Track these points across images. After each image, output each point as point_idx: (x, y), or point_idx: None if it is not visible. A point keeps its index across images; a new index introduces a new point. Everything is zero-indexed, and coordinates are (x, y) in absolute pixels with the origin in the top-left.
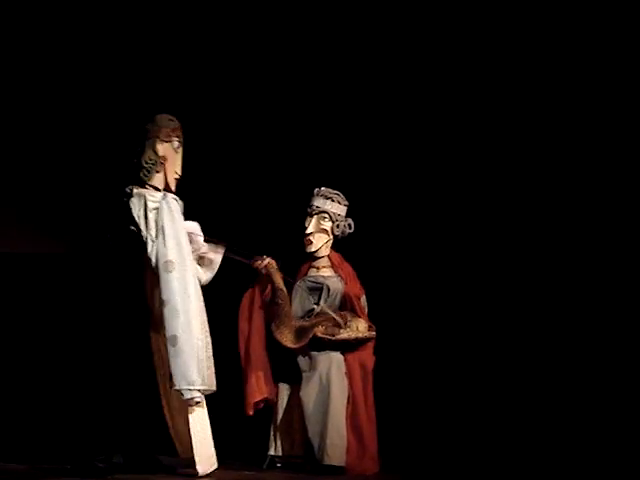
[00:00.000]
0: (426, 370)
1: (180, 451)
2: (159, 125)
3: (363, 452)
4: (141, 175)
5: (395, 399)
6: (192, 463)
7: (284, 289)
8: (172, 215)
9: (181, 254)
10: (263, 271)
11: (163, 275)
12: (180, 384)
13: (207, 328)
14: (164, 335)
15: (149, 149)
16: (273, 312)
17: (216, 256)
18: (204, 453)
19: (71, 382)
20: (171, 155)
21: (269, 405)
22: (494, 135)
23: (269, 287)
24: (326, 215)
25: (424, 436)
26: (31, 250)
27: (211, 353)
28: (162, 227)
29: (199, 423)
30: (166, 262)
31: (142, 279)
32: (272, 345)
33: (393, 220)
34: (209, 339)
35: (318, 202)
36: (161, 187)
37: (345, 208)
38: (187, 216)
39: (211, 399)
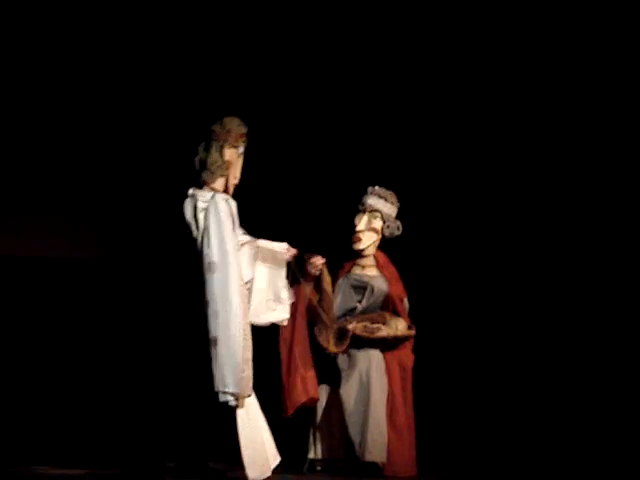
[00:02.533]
0: (466, 371)
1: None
2: (229, 129)
3: (402, 450)
4: (204, 177)
5: (434, 399)
6: (241, 469)
7: (331, 292)
8: (218, 216)
9: (224, 255)
10: (315, 271)
11: (206, 276)
12: (217, 386)
13: (249, 331)
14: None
15: (216, 152)
16: (316, 314)
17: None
18: (254, 458)
19: (124, 387)
20: (235, 160)
21: (307, 407)
22: (541, 136)
23: (311, 288)
24: (378, 214)
25: (462, 436)
26: (82, 254)
27: (249, 356)
28: (206, 227)
29: (247, 427)
30: (209, 263)
31: (193, 280)
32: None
33: (438, 222)
34: (249, 342)
35: (371, 200)
36: (221, 190)
37: (396, 209)
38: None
39: None
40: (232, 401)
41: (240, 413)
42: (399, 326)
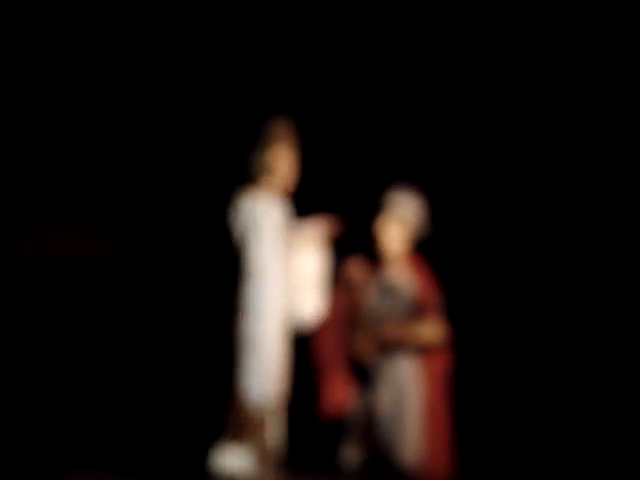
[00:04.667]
0: (508, 379)
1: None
2: (275, 130)
3: (438, 459)
4: (251, 177)
5: (475, 408)
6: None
7: (365, 297)
8: (270, 219)
9: (272, 259)
10: (357, 278)
11: (249, 278)
12: (247, 390)
13: (284, 340)
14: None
15: (263, 152)
16: (351, 320)
17: None
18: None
19: (143, 389)
20: (284, 160)
21: (340, 414)
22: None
23: (342, 293)
24: (404, 221)
25: (502, 449)
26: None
27: (283, 361)
28: (258, 229)
29: (273, 427)
30: (256, 265)
31: (230, 285)
32: None
33: (475, 223)
34: (285, 348)
35: (396, 208)
36: (271, 191)
37: (423, 214)
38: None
39: None
40: (262, 404)
41: (267, 417)
42: (433, 329)
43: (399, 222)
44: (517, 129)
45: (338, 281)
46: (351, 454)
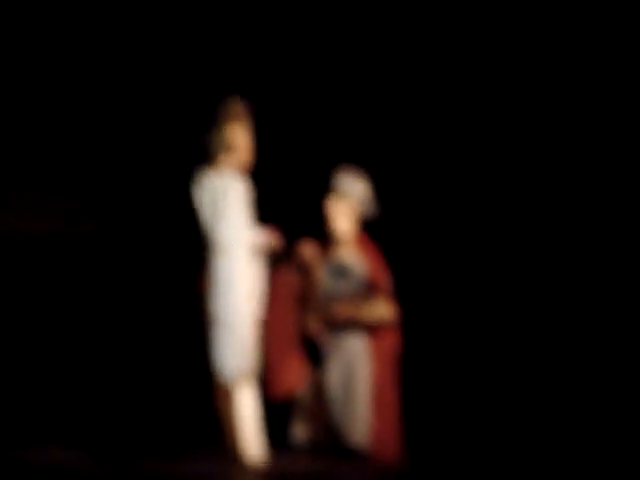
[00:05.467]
0: (454, 356)
1: None
2: (231, 109)
3: (385, 436)
4: (213, 156)
5: (422, 386)
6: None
7: (318, 278)
8: (230, 196)
9: (236, 238)
10: (309, 258)
11: (216, 257)
12: (222, 368)
13: (253, 315)
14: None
15: (222, 131)
16: (302, 300)
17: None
18: (251, 440)
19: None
20: (242, 138)
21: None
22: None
23: (293, 273)
24: (349, 198)
25: (448, 425)
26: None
27: (254, 335)
28: (217, 208)
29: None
30: (222, 243)
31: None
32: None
33: (420, 203)
34: (254, 321)
35: (342, 185)
36: (232, 168)
37: (368, 191)
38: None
39: None
40: (238, 379)
41: (243, 391)
42: (382, 309)
43: (346, 203)
44: (461, 104)
45: (291, 261)
46: (301, 432)
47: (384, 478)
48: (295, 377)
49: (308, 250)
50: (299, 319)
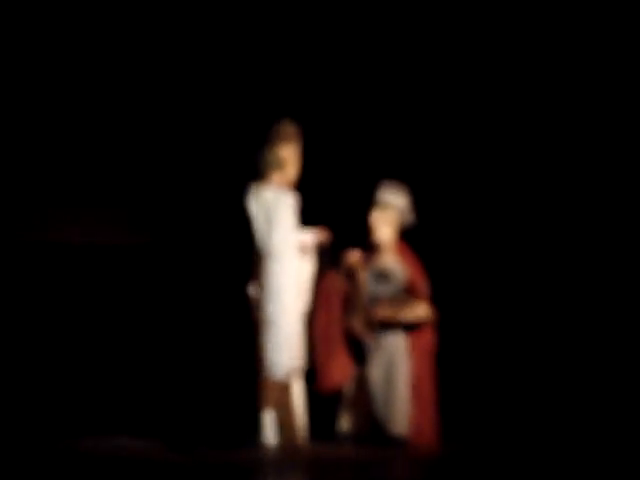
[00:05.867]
0: (488, 353)
1: None
2: (282, 129)
3: (425, 425)
4: (265, 173)
5: (458, 378)
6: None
7: (363, 282)
8: (281, 209)
9: (287, 246)
10: (355, 265)
11: (266, 264)
12: (270, 364)
13: (300, 315)
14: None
15: (273, 150)
16: (349, 302)
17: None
18: (296, 426)
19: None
20: (291, 157)
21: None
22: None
23: (340, 278)
24: (391, 208)
25: (483, 415)
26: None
27: (300, 335)
28: (271, 219)
29: (297, 396)
30: (272, 252)
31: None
32: None
33: (457, 212)
34: (300, 322)
35: (384, 197)
36: (282, 184)
37: (408, 201)
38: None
39: None
40: (285, 375)
41: (293, 386)
42: (420, 310)
43: (388, 214)
44: (492, 124)
45: (338, 268)
46: (347, 423)
47: (423, 464)
48: (342, 373)
49: (353, 257)
50: (345, 320)
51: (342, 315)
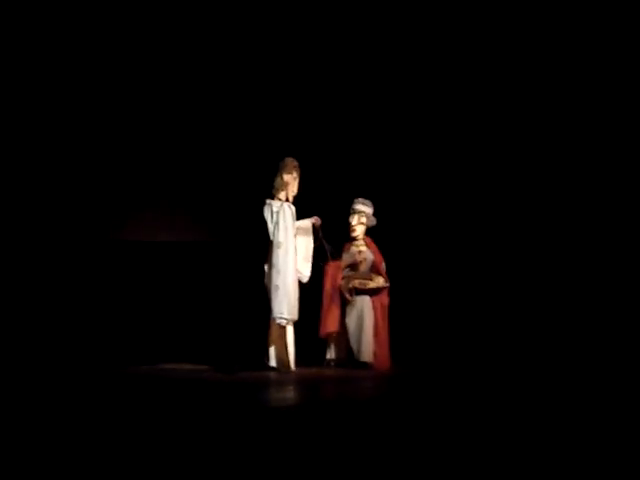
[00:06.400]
0: (429, 306)
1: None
2: (284, 162)
3: (382, 355)
4: (275, 191)
5: (403, 324)
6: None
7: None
8: (284, 216)
9: (287, 238)
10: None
11: (274, 250)
12: (276, 313)
13: (297, 282)
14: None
15: (279, 177)
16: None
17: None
18: (291, 357)
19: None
20: (291, 181)
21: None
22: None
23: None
24: (363, 214)
25: (423, 351)
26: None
27: (297, 296)
28: (277, 222)
29: (290, 339)
30: (278, 242)
31: (267, 253)
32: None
33: (402, 214)
34: (297, 288)
35: (358, 206)
36: (285, 200)
37: (372, 209)
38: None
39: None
40: (284, 322)
41: (288, 330)
42: (380, 281)
43: (361, 218)
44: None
45: (339, 259)
46: (331, 353)
47: (382, 379)
48: (336, 324)
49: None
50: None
51: (338, 285)
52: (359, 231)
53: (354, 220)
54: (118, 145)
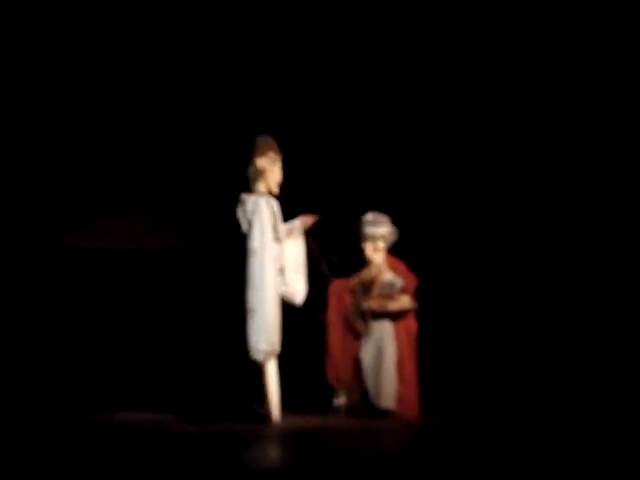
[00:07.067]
0: (464, 335)
1: None
2: (256, 143)
3: (408, 397)
4: (250, 184)
5: (436, 358)
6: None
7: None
8: (260, 215)
9: (263, 244)
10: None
11: (249, 259)
12: (250, 346)
13: (278, 301)
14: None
15: (251, 163)
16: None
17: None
18: (275, 403)
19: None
20: (269, 167)
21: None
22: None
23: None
24: (379, 238)
25: (460, 391)
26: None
27: (277, 322)
28: (251, 222)
29: (271, 376)
30: (252, 249)
31: (238, 262)
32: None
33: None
34: (278, 310)
35: (371, 230)
36: (264, 193)
37: (389, 225)
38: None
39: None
40: (262, 356)
41: (268, 367)
42: (404, 301)
43: (378, 244)
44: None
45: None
46: (342, 398)
47: (407, 432)
48: (349, 366)
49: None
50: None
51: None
52: (378, 260)
53: (369, 249)
54: (62, 136)
